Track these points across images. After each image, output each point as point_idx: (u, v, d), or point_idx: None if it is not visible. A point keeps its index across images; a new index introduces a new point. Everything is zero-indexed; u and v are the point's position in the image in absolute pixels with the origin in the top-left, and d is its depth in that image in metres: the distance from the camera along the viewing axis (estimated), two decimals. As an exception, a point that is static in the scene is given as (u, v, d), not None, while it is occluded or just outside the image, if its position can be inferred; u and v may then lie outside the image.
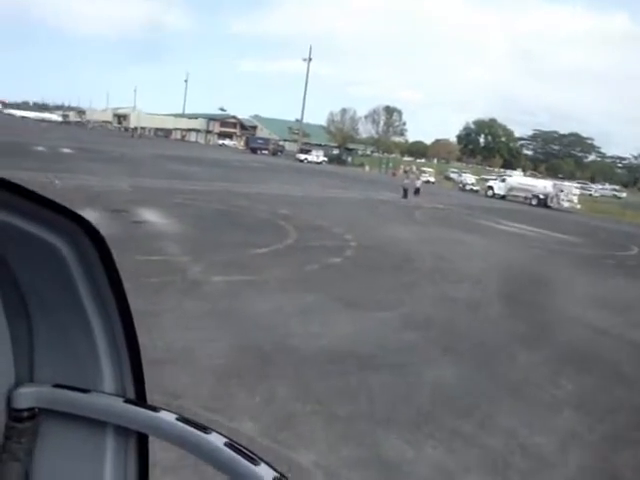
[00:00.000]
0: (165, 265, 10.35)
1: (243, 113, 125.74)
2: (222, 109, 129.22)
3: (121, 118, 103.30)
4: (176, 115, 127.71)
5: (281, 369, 6.21)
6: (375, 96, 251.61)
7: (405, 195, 34.18)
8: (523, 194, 49.02)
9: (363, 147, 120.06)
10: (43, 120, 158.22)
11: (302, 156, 78.72)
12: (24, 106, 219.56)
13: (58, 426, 1.13)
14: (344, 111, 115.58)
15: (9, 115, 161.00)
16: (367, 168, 73.29)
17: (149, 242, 12.26)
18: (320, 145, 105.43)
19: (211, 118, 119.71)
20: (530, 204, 46.61)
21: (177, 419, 1.01)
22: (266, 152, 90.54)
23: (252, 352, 6.59)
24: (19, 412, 1.10)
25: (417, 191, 35.04)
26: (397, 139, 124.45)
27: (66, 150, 42.89)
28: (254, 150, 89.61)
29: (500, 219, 29.23)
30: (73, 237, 0.99)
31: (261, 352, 6.59)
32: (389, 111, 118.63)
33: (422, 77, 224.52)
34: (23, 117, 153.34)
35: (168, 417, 1.02)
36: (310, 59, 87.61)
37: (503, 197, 50.87)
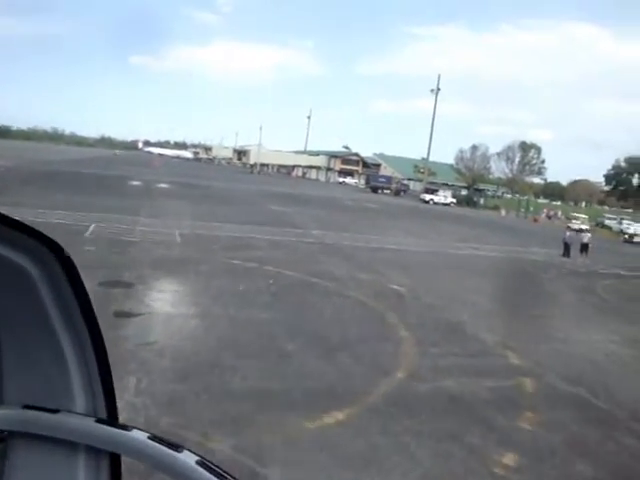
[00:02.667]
0: None
1: (368, 151, 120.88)
2: (346, 147, 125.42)
3: (241, 154, 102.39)
4: (297, 152, 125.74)
5: None
6: (504, 134, 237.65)
7: (567, 253, 25.31)
8: None
9: (494, 187, 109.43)
10: (178, 157, 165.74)
11: (427, 196, 70.60)
12: (165, 144, 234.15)
13: (28, 448, 1.10)
14: (474, 148, 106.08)
15: (148, 152, 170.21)
16: (503, 212, 63.60)
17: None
18: (447, 185, 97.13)
19: (333, 155, 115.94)
20: None
21: (149, 438, 0.99)
22: (388, 191, 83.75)
23: None
24: None
25: (584, 248, 25.84)
26: (533, 179, 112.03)
27: (162, 185, 38.98)
28: (375, 189, 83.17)
29: None
30: (40, 258, 0.98)
31: None
32: (525, 148, 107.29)
33: (554, 115, 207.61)
34: (160, 154, 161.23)
35: (140, 436, 1.00)
36: (438, 89, 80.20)
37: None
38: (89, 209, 20.38)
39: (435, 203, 68.79)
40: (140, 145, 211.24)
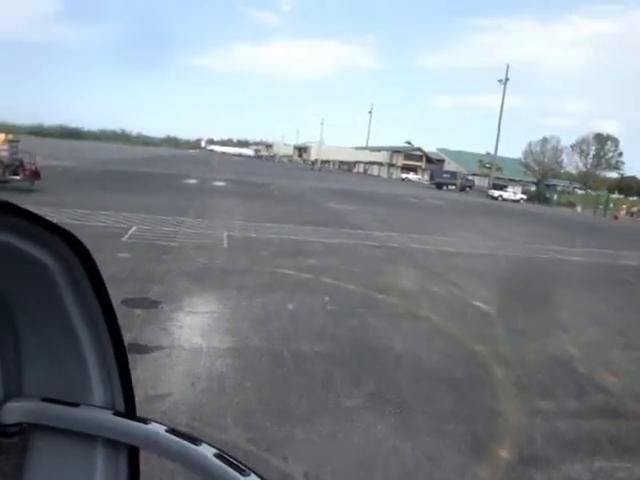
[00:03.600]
0: None
1: (431, 146, 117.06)
2: (408, 142, 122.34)
3: (301, 151, 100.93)
4: (359, 148, 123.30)
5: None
6: (572, 127, 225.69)
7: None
8: None
9: (566, 183, 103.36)
10: (240, 155, 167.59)
11: (496, 193, 66.64)
12: (228, 142, 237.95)
13: (47, 441, 1.11)
14: (545, 141, 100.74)
15: (210, 151, 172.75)
16: (579, 209, 58.84)
17: None
18: (513, 180, 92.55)
19: (395, 150, 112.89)
20: None
21: (167, 431, 0.99)
22: (453, 187, 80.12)
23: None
24: (7, 427, 1.08)
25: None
26: (608, 173, 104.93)
27: (218, 183, 37.72)
28: (439, 185, 79.72)
29: None
30: (59, 252, 0.99)
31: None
32: (601, 140, 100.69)
33: (622, 106, 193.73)
34: (223, 152, 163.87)
35: (158, 429, 1.00)
36: (507, 79, 75.84)
37: None
38: (135, 209, 18.92)
39: (504, 199, 64.92)
40: (203, 144, 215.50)
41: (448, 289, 11.97)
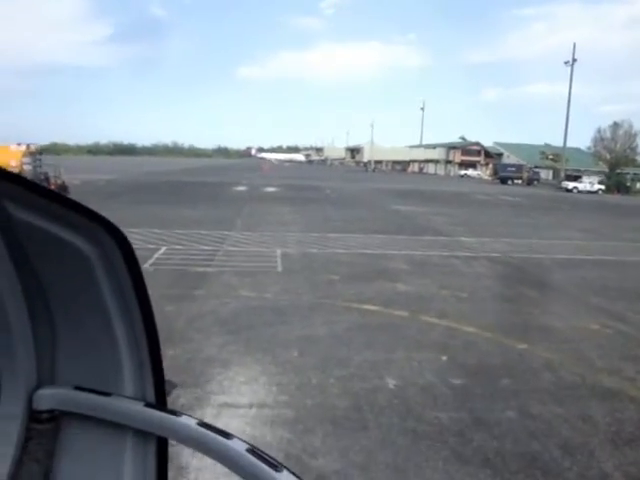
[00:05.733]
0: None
1: (486, 141, 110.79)
2: (462, 138, 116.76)
3: (354, 152, 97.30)
4: (412, 146, 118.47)
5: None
6: (629, 111, 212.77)
7: None
8: None
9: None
10: (290, 160, 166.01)
11: (570, 184, 60.61)
12: (278, 149, 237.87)
13: (78, 428, 1.11)
14: (616, 126, 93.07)
15: (261, 158, 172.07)
16: (670, 198, 52.28)
17: None
18: (579, 171, 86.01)
19: (451, 147, 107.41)
20: None
21: (198, 424, 0.98)
22: (519, 182, 74.39)
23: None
24: (40, 414, 1.08)
25: None
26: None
27: (269, 189, 34.61)
28: (504, 180, 74.06)
29: None
30: (96, 238, 0.98)
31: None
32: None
33: None
34: (273, 160, 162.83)
35: (189, 422, 0.99)
36: (575, 60, 69.70)
37: None
38: (170, 224, 15.74)
39: (579, 191, 58.96)
40: (253, 152, 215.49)
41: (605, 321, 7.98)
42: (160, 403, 1.09)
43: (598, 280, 11.10)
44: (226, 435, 0.94)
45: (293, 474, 0.88)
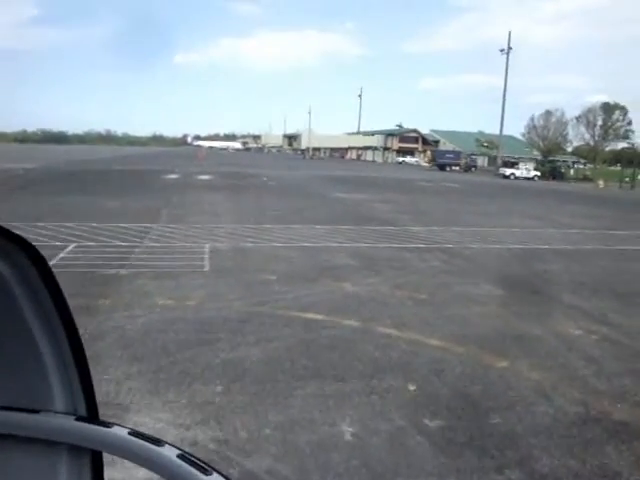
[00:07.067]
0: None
1: (423, 128, 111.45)
2: (399, 125, 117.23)
3: (291, 139, 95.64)
4: (351, 134, 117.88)
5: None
6: (558, 103, 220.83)
7: None
8: None
9: (571, 157, 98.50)
10: (227, 148, 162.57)
11: (507, 171, 61.23)
12: (215, 137, 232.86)
13: (8, 449, 1.09)
14: (548, 114, 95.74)
15: (197, 146, 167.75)
16: (601, 183, 53.24)
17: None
18: (513, 158, 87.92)
19: (389, 134, 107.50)
20: None
21: (129, 433, 0.98)
22: (457, 168, 74.98)
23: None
24: None
25: None
26: (617, 145, 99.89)
27: (202, 177, 32.70)
28: (442, 167, 74.36)
29: None
30: (14, 259, 0.96)
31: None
32: (608, 109, 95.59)
33: (609, 78, 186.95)
34: (210, 147, 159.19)
35: (120, 432, 0.99)
36: (510, 48, 70.58)
37: None
38: (86, 217, 13.84)
39: (516, 178, 59.74)
40: (189, 140, 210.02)
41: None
42: (92, 415, 1.07)
43: (565, 274, 10.14)
44: (157, 442, 0.94)
45: (223, 476, 0.87)
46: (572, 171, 68.34)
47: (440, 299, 7.94)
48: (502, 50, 71.33)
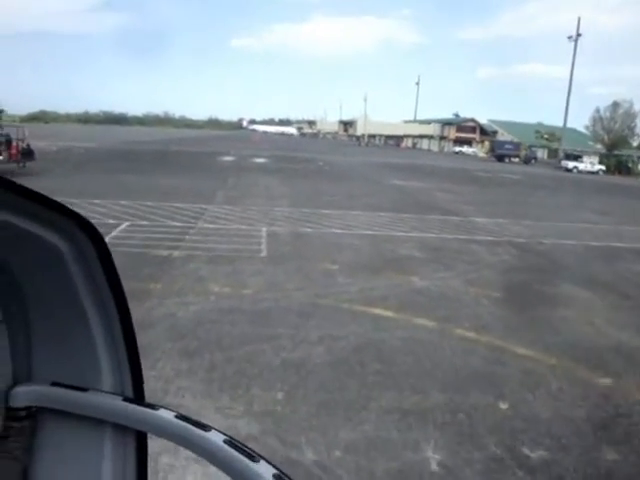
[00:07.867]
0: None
1: (481, 118, 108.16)
2: (456, 114, 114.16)
3: (347, 125, 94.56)
4: (407, 122, 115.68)
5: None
6: (620, 94, 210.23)
7: None
8: None
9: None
10: (282, 133, 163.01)
11: (570, 164, 58.48)
12: (270, 122, 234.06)
13: (56, 425, 1.10)
14: (616, 105, 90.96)
15: (252, 130, 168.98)
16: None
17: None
18: (575, 151, 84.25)
19: (446, 122, 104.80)
20: None
21: (176, 417, 0.97)
22: (516, 160, 72.26)
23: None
24: (17, 411, 1.07)
25: None
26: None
27: (257, 160, 32.35)
28: (500, 158, 71.78)
29: None
30: (71, 235, 0.96)
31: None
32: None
33: None
34: (265, 131, 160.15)
35: (167, 415, 0.99)
36: (579, 35, 67.23)
37: None
38: (142, 196, 13.60)
39: (580, 171, 56.96)
40: (245, 124, 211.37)
41: None
42: (138, 398, 1.07)
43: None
44: (204, 427, 0.93)
45: (270, 464, 0.86)
46: (639, 166, 64.62)
47: (521, 299, 7.13)
48: (570, 37, 68.06)
